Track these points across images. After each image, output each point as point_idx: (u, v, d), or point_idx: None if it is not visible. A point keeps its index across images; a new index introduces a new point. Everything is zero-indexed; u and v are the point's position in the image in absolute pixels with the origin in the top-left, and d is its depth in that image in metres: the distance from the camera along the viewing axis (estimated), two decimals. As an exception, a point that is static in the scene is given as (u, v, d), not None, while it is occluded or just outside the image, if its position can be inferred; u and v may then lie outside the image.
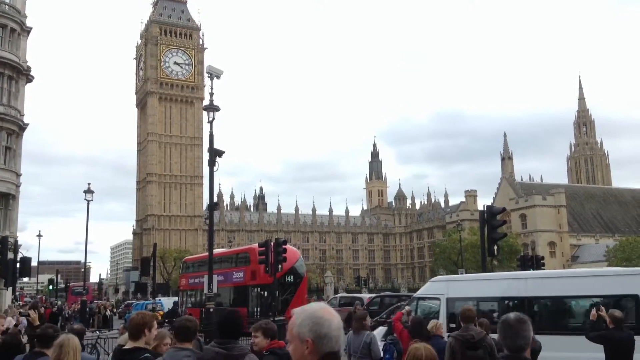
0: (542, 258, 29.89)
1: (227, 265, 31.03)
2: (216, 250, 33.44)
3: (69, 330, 6.98)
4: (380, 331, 14.04)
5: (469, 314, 7.63)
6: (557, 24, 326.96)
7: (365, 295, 36.37)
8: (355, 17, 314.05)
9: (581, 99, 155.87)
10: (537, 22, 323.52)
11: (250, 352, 4.72)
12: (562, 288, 12.03)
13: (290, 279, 26.73)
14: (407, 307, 10.21)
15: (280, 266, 23.47)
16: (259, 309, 26.99)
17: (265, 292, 27.04)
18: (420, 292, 14.50)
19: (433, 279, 15.57)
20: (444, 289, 13.14)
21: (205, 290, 22.85)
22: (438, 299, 12.84)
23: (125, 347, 5.09)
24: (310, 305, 2.50)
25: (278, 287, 25.78)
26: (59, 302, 53.45)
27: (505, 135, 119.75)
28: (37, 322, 9.86)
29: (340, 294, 44.79)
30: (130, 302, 55.36)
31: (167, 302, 42.43)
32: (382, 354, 9.39)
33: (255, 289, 27.85)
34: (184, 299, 35.58)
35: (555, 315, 12.05)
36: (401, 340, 8.94)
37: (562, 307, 12.15)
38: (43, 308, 33.02)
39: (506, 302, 12.37)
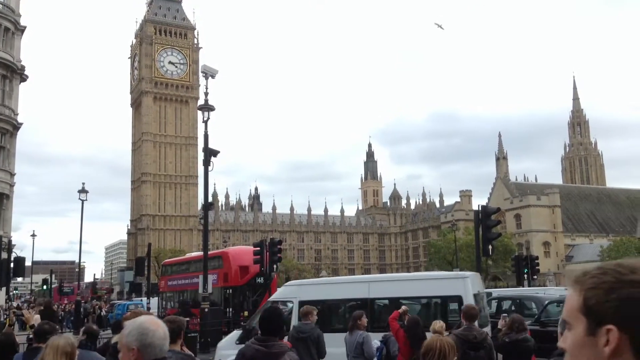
0: (537, 258, 30.00)
1: (202, 268, 31.82)
2: (193, 254, 35.39)
3: (85, 330, 7.02)
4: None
5: (472, 312, 7.43)
6: (551, 24, 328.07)
7: None
8: (351, 17, 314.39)
9: (575, 99, 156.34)
10: (531, 23, 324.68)
11: (289, 350, 4.78)
12: (398, 290, 13.35)
13: (260, 280, 27.35)
14: (403, 307, 10.22)
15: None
16: (231, 310, 27.79)
17: (237, 294, 28.57)
18: (275, 296, 15.13)
19: (287, 283, 16.48)
20: (297, 292, 13.92)
21: (200, 290, 22.83)
22: (291, 301, 13.53)
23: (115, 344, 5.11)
24: (139, 317, 2.90)
25: (249, 289, 27.24)
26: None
27: (500, 136, 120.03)
28: (32, 322, 9.82)
29: None
30: (113, 302, 55.07)
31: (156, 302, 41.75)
32: (375, 353, 9.40)
33: (228, 290, 28.73)
34: (164, 301, 35.37)
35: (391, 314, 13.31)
36: (397, 339, 8.93)
37: (398, 307, 13.32)
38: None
39: (351, 303, 13.45)
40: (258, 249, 24.31)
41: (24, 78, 38.74)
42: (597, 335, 1.09)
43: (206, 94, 19.97)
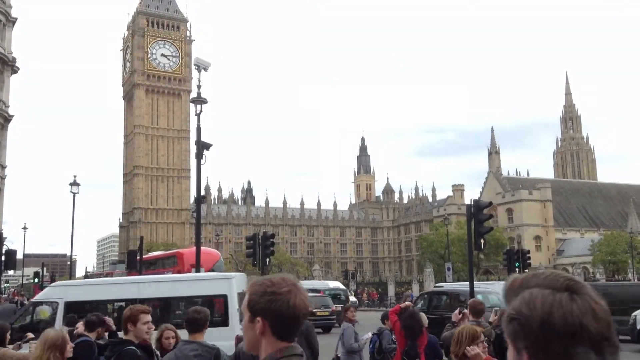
0: (528, 252, 30.10)
1: (160, 266, 34.65)
2: (151, 254, 37.97)
3: (86, 320, 7.06)
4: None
5: (479, 307, 7.36)
6: (544, 20, 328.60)
7: None
8: (346, 9, 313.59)
9: (568, 94, 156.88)
10: (524, 18, 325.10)
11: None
12: (168, 290, 13.86)
13: None
14: (406, 302, 10.26)
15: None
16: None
17: None
18: (39, 297, 15.11)
19: (52, 284, 16.82)
20: (63, 293, 13.94)
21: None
22: (57, 302, 13.55)
23: (113, 340, 5.15)
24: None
25: None
26: None
27: (492, 130, 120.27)
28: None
29: None
30: None
31: None
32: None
33: None
34: None
35: (163, 313, 13.76)
36: (395, 331, 8.95)
37: (169, 307, 14.14)
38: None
39: (120, 304, 13.66)
40: (251, 242, 24.30)
41: (15, 70, 38.44)
42: (254, 322, 1.87)
43: (199, 86, 19.87)
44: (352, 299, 45.31)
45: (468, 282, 19.45)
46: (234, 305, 12.85)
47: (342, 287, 41.66)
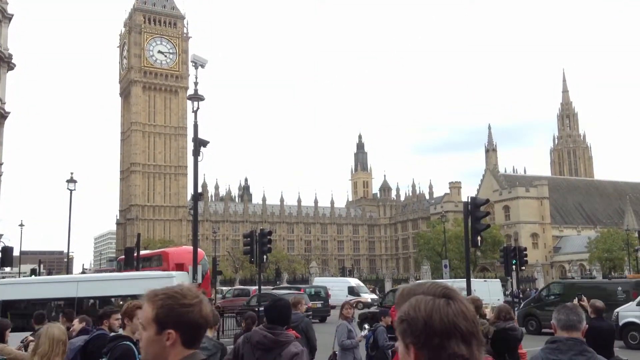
0: (525, 249, 30.15)
1: (147, 265, 36.22)
2: (144, 252, 38.64)
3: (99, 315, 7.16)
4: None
5: (476, 304, 7.36)
6: (541, 17, 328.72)
7: (251, 288, 42.72)
8: (344, 6, 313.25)
9: (565, 91, 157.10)
10: (521, 15, 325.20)
11: (295, 340, 4.86)
12: (108, 289, 13.99)
13: None
14: None
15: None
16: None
17: None
18: None
19: None
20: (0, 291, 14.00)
21: (191, 280, 22.79)
22: None
23: (111, 335, 5.20)
24: None
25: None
26: None
27: (489, 128, 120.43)
28: None
29: (236, 287, 50.89)
30: None
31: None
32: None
33: None
34: None
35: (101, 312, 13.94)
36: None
37: (109, 305, 14.40)
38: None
39: (57, 302, 13.67)
40: (248, 239, 24.29)
41: (11, 66, 38.33)
42: (162, 335, 1.88)
43: (196, 83, 19.82)
44: (372, 296, 46.68)
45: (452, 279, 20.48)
46: None
47: (362, 284, 44.92)
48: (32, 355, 4.72)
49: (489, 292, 27.03)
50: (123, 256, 42.65)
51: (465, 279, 19.79)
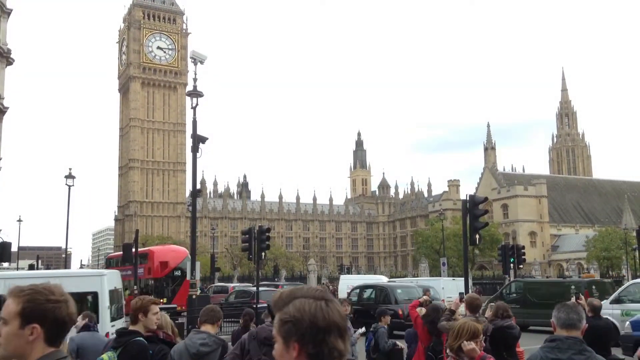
0: (523, 247, 30.16)
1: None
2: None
3: (84, 314, 7.40)
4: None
5: (476, 302, 7.32)
6: (540, 15, 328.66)
7: (230, 285, 44.10)
8: (344, 5, 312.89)
9: (564, 90, 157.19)
10: (521, 13, 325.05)
11: None
12: None
13: (178, 273, 32.27)
14: (424, 297, 10.00)
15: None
16: (153, 297, 31.07)
17: (158, 284, 33.10)
18: None
19: None
20: None
21: (188, 277, 22.81)
22: None
23: (122, 329, 5.19)
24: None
25: (169, 280, 32.16)
26: None
27: (488, 126, 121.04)
28: None
29: (215, 284, 51.03)
30: None
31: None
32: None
33: (151, 281, 33.53)
34: None
35: None
36: (416, 327, 8.76)
37: None
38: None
39: None
40: (246, 236, 24.27)
41: (10, 61, 38.26)
42: (25, 329, 1.94)
43: (195, 80, 19.80)
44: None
45: (414, 278, 22.03)
46: (105, 302, 13.26)
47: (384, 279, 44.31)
48: None
49: (457, 289, 27.91)
50: (114, 253, 43.23)
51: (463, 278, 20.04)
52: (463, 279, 37.46)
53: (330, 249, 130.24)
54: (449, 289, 28.52)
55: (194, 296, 20.60)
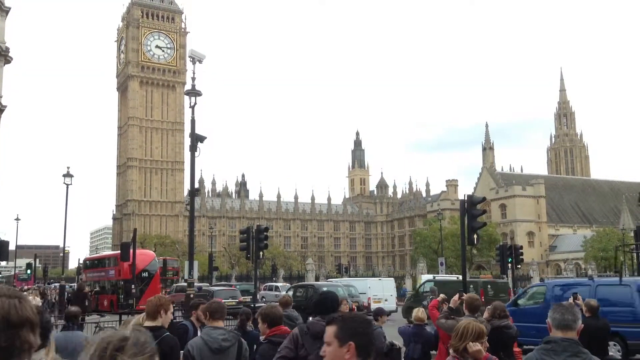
0: (521, 247, 30.26)
1: (105, 265, 41.36)
2: (107, 253, 42.67)
3: (66, 313, 7.34)
4: None
5: (476, 303, 7.25)
6: (539, 15, 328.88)
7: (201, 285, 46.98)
8: (343, 4, 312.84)
9: (562, 90, 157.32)
10: (519, 13, 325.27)
11: None
12: None
13: (145, 274, 36.49)
14: (441, 295, 9.87)
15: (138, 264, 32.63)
16: (123, 296, 35.19)
17: (127, 285, 35.49)
18: None
19: None
20: None
21: (186, 276, 22.79)
22: None
23: (146, 325, 5.15)
24: None
25: (137, 281, 34.44)
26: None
27: (487, 126, 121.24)
28: None
29: (180, 284, 52.22)
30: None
31: None
32: None
33: (120, 282, 36.77)
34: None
35: None
36: (437, 327, 8.66)
37: None
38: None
39: None
40: (244, 235, 24.31)
41: (8, 60, 38.16)
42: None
43: (193, 78, 19.76)
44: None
45: (347, 279, 23.43)
46: None
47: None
48: None
49: (383, 289, 32.12)
50: (89, 255, 44.87)
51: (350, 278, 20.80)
52: (391, 279, 39.87)
53: (328, 248, 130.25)
54: (375, 289, 31.16)
55: (191, 295, 20.58)
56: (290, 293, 28.45)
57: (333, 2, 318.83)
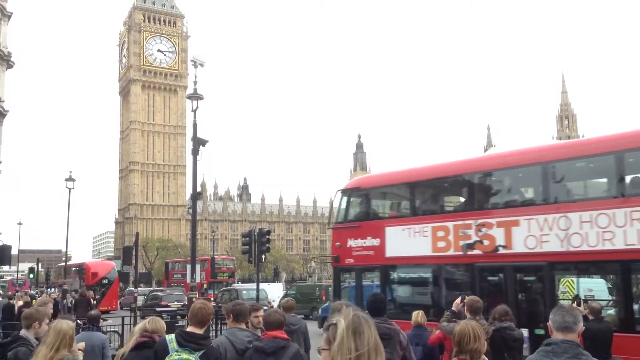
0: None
1: (71, 273, 44.83)
2: (69, 263, 46.45)
3: (88, 316, 7.75)
4: None
5: (477, 305, 7.19)
6: (540, 17, 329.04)
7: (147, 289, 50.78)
8: (344, 6, 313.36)
9: (564, 92, 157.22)
10: (520, 16, 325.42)
11: (399, 329, 5.75)
12: None
13: (105, 281, 41.08)
14: (460, 297, 9.78)
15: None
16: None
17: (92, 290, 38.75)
18: None
19: None
20: None
21: (188, 280, 22.79)
22: None
23: (196, 332, 5.00)
24: None
25: (97, 287, 39.02)
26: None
27: (488, 128, 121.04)
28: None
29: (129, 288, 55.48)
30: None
31: None
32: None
33: (84, 287, 39.30)
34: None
35: None
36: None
37: None
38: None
39: None
40: (246, 238, 24.26)
41: (10, 64, 38.29)
42: None
43: (195, 82, 19.79)
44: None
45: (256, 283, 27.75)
46: None
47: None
48: (41, 345, 4.87)
49: (271, 292, 35.46)
50: (71, 262, 47.09)
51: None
52: (279, 284, 45.33)
53: (330, 251, 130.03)
54: (265, 292, 34.86)
55: (194, 299, 20.57)
56: (220, 295, 33.80)
57: (334, 6, 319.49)
